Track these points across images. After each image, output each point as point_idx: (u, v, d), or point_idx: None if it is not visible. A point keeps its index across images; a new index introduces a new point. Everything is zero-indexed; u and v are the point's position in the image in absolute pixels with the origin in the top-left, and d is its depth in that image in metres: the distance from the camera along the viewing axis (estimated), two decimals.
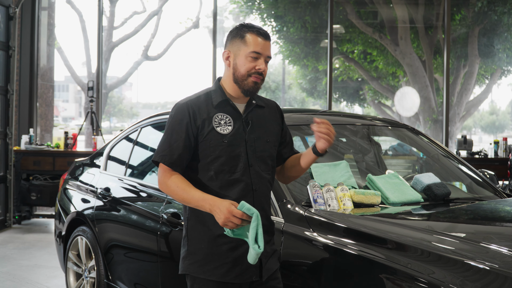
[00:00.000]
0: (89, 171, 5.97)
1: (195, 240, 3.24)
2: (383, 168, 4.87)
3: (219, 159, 3.18)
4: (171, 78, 43.37)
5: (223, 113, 3.24)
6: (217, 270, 3.18)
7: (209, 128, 3.19)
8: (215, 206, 3.01)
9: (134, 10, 18.26)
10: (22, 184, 10.42)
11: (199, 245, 3.22)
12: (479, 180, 4.73)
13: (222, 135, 3.19)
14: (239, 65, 3.22)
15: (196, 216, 3.24)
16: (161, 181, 3.22)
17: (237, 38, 3.25)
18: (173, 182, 3.17)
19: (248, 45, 3.21)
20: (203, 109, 3.23)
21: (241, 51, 3.22)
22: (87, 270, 5.47)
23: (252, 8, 17.89)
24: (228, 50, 3.28)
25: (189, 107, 3.22)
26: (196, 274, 3.21)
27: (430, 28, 16.30)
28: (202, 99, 3.27)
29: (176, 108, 3.27)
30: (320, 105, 20.61)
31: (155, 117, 5.30)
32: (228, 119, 3.24)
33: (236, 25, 3.34)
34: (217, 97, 3.27)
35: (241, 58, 3.21)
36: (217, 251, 3.19)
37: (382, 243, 3.16)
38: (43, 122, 12.76)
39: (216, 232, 3.18)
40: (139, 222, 4.80)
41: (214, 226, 3.17)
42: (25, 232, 9.92)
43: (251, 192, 3.22)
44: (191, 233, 3.26)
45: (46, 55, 12.83)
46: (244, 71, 3.20)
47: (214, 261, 3.19)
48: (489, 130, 44.64)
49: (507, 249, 2.95)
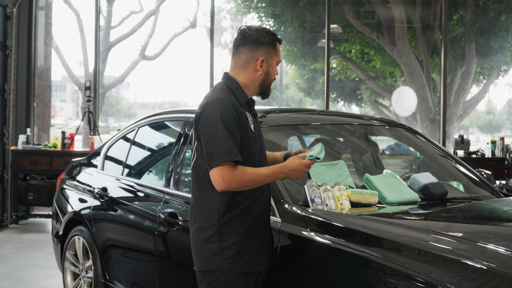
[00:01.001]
0: (86, 171, 5.96)
1: (228, 236, 3.33)
2: (380, 167, 4.86)
3: (255, 155, 3.38)
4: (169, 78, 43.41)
5: (248, 112, 3.41)
6: (249, 261, 3.35)
7: (247, 126, 3.34)
8: (290, 170, 3.31)
9: (131, 10, 18.26)
10: (19, 184, 10.41)
11: (233, 240, 3.33)
12: (476, 179, 4.74)
13: (253, 133, 3.38)
14: (271, 73, 3.44)
15: (231, 211, 3.34)
16: (229, 181, 3.19)
17: (271, 47, 3.41)
18: (246, 173, 3.23)
19: (278, 55, 3.45)
20: (239, 106, 3.35)
21: (273, 60, 3.43)
22: (84, 270, 5.47)
23: (249, 7, 17.89)
24: (263, 58, 3.39)
25: (232, 102, 3.29)
26: (230, 269, 3.31)
27: (427, 28, 16.32)
28: (232, 97, 3.35)
29: (219, 105, 3.24)
30: (317, 104, 20.62)
31: (152, 117, 5.30)
32: (251, 118, 3.42)
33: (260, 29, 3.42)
34: (243, 97, 3.40)
35: (273, 66, 3.44)
36: (250, 243, 3.35)
37: (380, 243, 3.16)
38: (40, 122, 12.75)
39: (248, 226, 3.35)
40: (136, 222, 4.80)
41: (245, 220, 3.34)
42: (22, 232, 9.91)
43: (267, 185, 3.47)
44: (223, 230, 3.33)
45: (43, 54, 12.83)
46: (273, 78, 3.47)
47: (247, 254, 3.34)
48: (486, 129, 44.66)
49: (504, 249, 2.95)
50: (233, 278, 3.31)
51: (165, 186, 4.62)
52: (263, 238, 3.42)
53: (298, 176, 3.32)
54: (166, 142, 5.30)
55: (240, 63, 3.41)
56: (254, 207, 3.36)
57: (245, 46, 3.39)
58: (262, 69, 3.38)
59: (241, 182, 3.21)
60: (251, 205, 3.34)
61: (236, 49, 3.44)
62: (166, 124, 5.17)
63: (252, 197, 3.35)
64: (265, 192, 3.44)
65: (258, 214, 3.37)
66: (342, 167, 4.16)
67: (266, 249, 3.44)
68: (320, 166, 4.11)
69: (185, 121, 4.70)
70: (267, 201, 3.47)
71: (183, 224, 4.12)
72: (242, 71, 3.41)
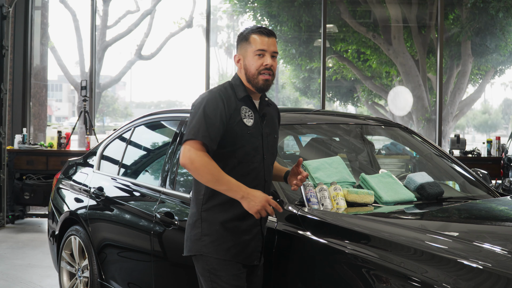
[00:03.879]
0: (83, 171, 5.96)
1: (210, 222, 3.41)
2: (376, 167, 4.87)
3: (244, 148, 3.40)
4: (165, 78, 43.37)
5: (246, 107, 3.46)
6: (230, 250, 3.39)
7: (238, 118, 3.40)
8: (250, 195, 3.25)
9: (127, 10, 18.24)
10: (15, 183, 10.40)
11: (214, 227, 3.40)
12: (472, 179, 4.74)
13: (247, 127, 3.41)
14: (248, 65, 3.46)
15: (214, 200, 3.41)
16: (191, 158, 3.29)
17: (243, 41, 3.50)
18: (205, 161, 3.28)
19: (253, 44, 3.45)
20: (232, 100, 3.44)
21: (248, 51, 3.47)
22: (81, 270, 5.46)
23: (245, 7, 17.89)
24: (238, 54, 3.51)
25: (222, 95, 3.42)
26: (210, 254, 3.38)
27: (423, 28, 16.32)
28: (229, 91, 3.48)
29: (207, 96, 3.42)
30: (313, 104, 20.62)
31: (148, 117, 5.30)
32: (251, 113, 3.47)
33: (244, 29, 3.58)
34: (240, 92, 3.48)
35: (249, 58, 3.46)
36: (231, 232, 3.39)
37: (375, 242, 3.16)
38: (36, 121, 12.73)
39: (229, 216, 3.40)
40: (132, 221, 4.80)
41: (230, 208, 3.39)
42: (19, 232, 9.90)
43: (263, 182, 3.48)
44: (205, 216, 3.42)
45: (40, 54, 12.81)
46: (254, 69, 3.44)
47: (228, 242, 3.39)
48: (482, 129, 44.73)
49: (500, 248, 2.96)
50: (216, 266, 3.37)
51: (161, 186, 4.62)
52: (249, 233, 3.43)
53: (253, 205, 3.24)
54: (162, 142, 5.30)
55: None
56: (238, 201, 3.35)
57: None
58: (240, 65, 3.50)
59: (194, 167, 3.27)
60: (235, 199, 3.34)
61: None
62: (162, 124, 5.18)
63: None
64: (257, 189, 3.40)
65: (243, 210, 3.34)
66: (339, 162, 4.16)
67: (253, 245, 3.44)
68: (317, 162, 4.11)
69: (181, 121, 4.70)
70: None
71: (179, 223, 4.12)
72: (238, 74, 3.56)
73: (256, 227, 3.45)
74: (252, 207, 3.24)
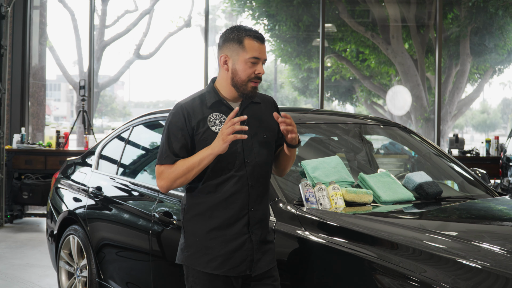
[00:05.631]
0: (81, 170, 5.96)
1: (191, 233, 3.33)
2: (374, 167, 4.87)
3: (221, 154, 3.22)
4: (163, 77, 43.28)
5: (217, 113, 3.32)
6: (210, 262, 3.27)
7: (204, 128, 3.27)
8: (214, 143, 3.15)
9: (126, 9, 18.21)
10: (13, 183, 10.40)
11: (194, 238, 3.32)
12: (470, 178, 4.74)
13: (216, 134, 3.25)
14: (239, 70, 3.27)
15: (193, 210, 3.34)
16: (160, 185, 3.32)
17: (234, 43, 3.29)
18: (171, 171, 3.26)
19: (247, 51, 3.26)
20: (198, 111, 3.30)
21: (239, 56, 3.27)
22: (79, 269, 5.46)
23: (244, 6, 17.89)
24: (225, 55, 3.31)
25: (183, 109, 3.31)
26: (192, 266, 3.31)
27: (422, 27, 16.33)
28: (196, 101, 3.34)
29: (172, 113, 3.35)
30: (312, 104, 20.62)
31: (147, 116, 5.30)
32: (223, 118, 3.31)
33: (229, 27, 3.38)
34: (210, 98, 3.34)
35: (241, 63, 3.27)
36: (211, 244, 3.28)
37: (374, 242, 3.16)
38: (34, 121, 12.73)
39: (210, 225, 3.29)
40: (131, 221, 4.80)
41: (209, 219, 3.29)
42: (17, 231, 9.90)
43: (246, 187, 3.29)
44: (187, 226, 3.36)
45: (38, 54, 12.80)
46: (245, 76, 3.27)
47: (208, 254, 3.28)
48: (481, 128, 44.71)
49: (499, 248, 2.96)
50: (197, 280, 3.31)
51: None
52: (234, 242, 3.27)
53: (218, 142, 3.13)
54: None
55: (218, 64, 3.39)
56: (218, 210, 3.27)
57: (218, 46, 3.39)
58: (226, 66, 3.31)
59: (169, 179, 3.27)
60: (215, 208, 3.27)
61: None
62: (161, 123, 5.17)
63: (217, 200, 3.27)
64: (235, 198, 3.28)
65: (225, 218, 3.26)
66: (338, 161, 4.16)
67: (241, 254, 3.27)
68: (316, 162, 4.11)
69: None
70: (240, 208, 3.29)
71: (177, 223, 4.12)
72: (218, 74, 3.41)
73: (244, 235, 3.28)
74: (218, 143, 3.12)
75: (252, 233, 3.30)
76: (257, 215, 3.32)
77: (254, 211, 3.31)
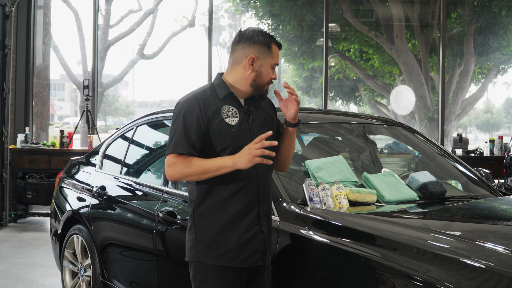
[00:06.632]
0: (85, 170, 5.96)
1: (202, 228, 3.37)
2: (378, 166, 4.87)
3: (228, 148, 3.33)
4: (167, 77, 43.36)
5: (229, 105, 3.40)
6: (224, 255, 3.33)
7: (219, 119, 3.34)
8: (237, 155, 3.22)
9: (129, 9, 18.25)
10: (18, 182, 10.41)
11: (206, 233, 3.35)
12: (474, 178, 4.74)
13: (230, 126, 3.35)
14: (264, 73, 3.40)
15: (204, 204, 3.38)
16: (169, 174, 3.33)
17: (263, 46, 3.40)
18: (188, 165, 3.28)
19: (274, 57, 3.42)
20: (211, 101, 3.37)
21: (267, 60, 3.40)
22: (83, 269, 5.47)
23: (248, 6, 17.89)
24: (254, 56, 3.39)
25: (198, 99, 3.36)
26: (204, 261, 3.34)
27: (425, 27, 16.32)
28: (208, 93, 3.41)
29: (185, 101, 3.38)
30: (315, 103, 20.61)
31: (150, 116, 5.30)
32: (234, 111, 3.40)
33: (256, 29, 3.46)
34: (221, 91, 3.41)
35: (266, 67, 3.41)
36: (224, 237, 3.34)
37: (378, 242, 3.16)
38: (38, 120, 12.75)
39: (223, 219, 3.35)
40: (134, 220, 4.80)
41: (221, 213, 3.35)
42: (21, 231, 9.91)
43: (255, 179, 3.38)
44: (198, 222, 3.39)
45: (42, 53, 12.83)
46: (267, 80, 3.41)
47: (221, 248, 3.33)
48: (485, 128, 44.68)
49: (503, 248, 2.96)
50: (206, 277, 3.34)
51: (163, 185, 4.62)
52: (247, 234, 3.34)
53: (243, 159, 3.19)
54: (164, 141, 5.30)
55: (233, 60, 3.45)
56: (230, 203, 3.33)
57: (239, 44, 3.43)
58: (252, 67, 3.38)
59: (181, 174, 3.29)
60: (226, 200, 3.33)
61: (232, 48, 3.49)
62: (165, 123, 5.17)
63: (228, 192, 3.34)
64: (247, 190, 3.36)
65: (236, 210, 3.33)
66: (341, 161, 4.17)
67: (254, 245, 3.36)
68: (320, 161, 4.11)
69: None
70: (251, 199, 3.37)
71: (181, 222, 4.12)
72: (233, 69, 3.44)
73: (255, 227, 3.37)
74: (243, 160, 3.19)
75: (262, 224, 3.39)
76: (265, 207, 3.42)
77: (262, 203, 3.41)
